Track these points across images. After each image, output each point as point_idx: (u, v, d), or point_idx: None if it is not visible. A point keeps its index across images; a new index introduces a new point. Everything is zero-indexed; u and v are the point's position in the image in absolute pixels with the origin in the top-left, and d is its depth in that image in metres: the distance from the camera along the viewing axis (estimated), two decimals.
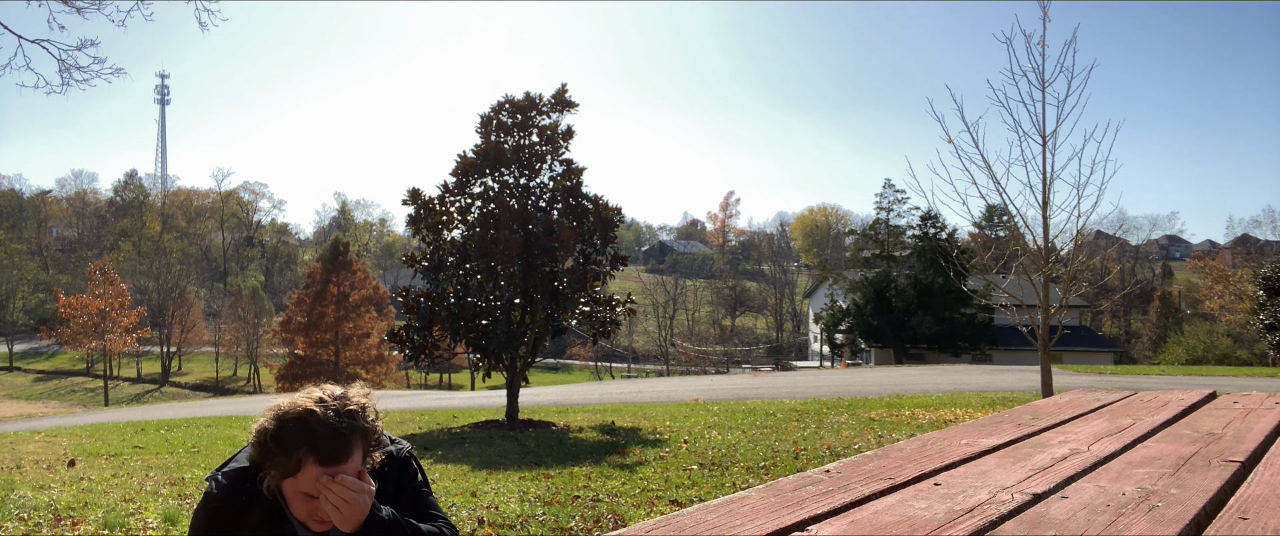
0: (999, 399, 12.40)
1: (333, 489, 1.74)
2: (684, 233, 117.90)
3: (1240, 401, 2.24)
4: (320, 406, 1.79)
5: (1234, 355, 37.72)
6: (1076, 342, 41.37)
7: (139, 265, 71.35)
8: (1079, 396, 2.43)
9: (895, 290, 41.76)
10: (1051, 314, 10.06)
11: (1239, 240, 77.46)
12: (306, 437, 1.76)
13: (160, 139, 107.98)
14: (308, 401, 1.81)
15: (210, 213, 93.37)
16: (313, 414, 1.77)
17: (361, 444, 1.82)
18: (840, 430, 8.99)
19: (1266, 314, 23.27)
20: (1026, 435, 1.69)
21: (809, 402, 12.66)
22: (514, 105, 11.50)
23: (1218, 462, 1.36)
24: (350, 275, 43.69)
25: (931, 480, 1.27)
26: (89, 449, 9.50)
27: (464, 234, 11.43)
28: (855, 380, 18.99)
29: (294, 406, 1.79)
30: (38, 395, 54.30)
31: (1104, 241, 29.14)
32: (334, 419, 1.78)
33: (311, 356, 42.21)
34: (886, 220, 43.89)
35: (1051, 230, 10.04)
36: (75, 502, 5.74)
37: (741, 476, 6.27)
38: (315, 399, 1.81)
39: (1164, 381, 17.44)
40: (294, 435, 1.77)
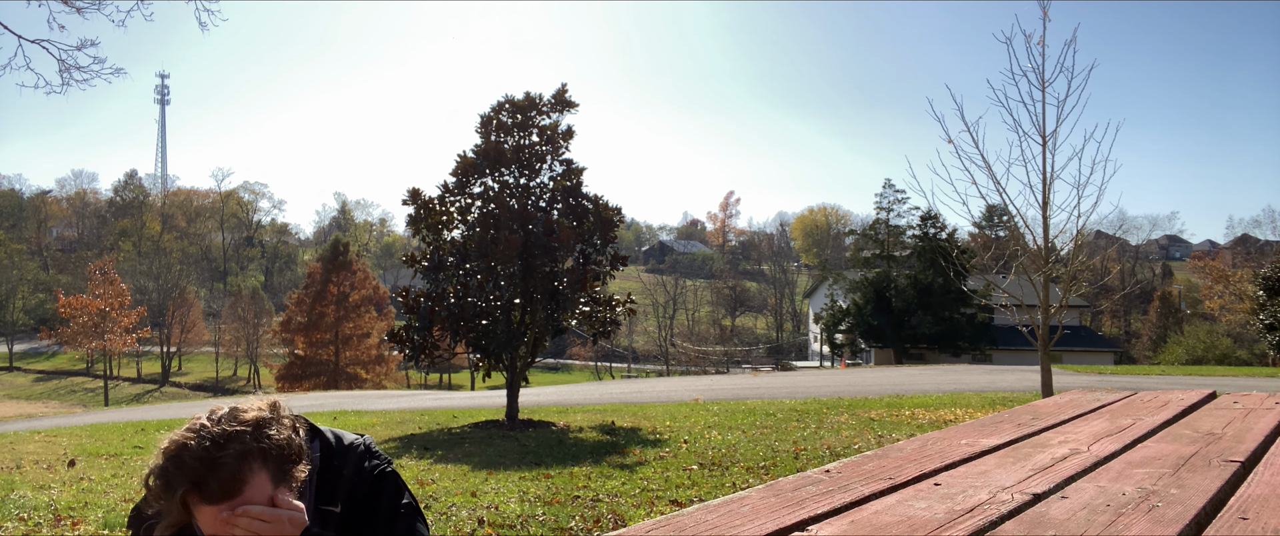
0: (999, 399, 12.40)
1: (238, 524, 1.52)
2: (684, 233, 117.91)
3: (1240, 401, 2.24)
4: (197, 437, 1.55)
5: (1234, 355, 37.72)
6: (1076, 342, 41.38)
7: (139, 265, 71.36)
8: (1079, 396, 2.43)
9: (895, 290, 41.76)
10: (1051, 314, 10.06)
11: (1239, 240, 77.47)
12: (185, 475, 1.53)
13: (160, 139, 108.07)
14: (183, 433, 1.58)
15: (210, 213, 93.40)
16: (186, 448, 1.54)
17: (263, 466, 1.57)
18: (840, 430, 8.99)
19: (1266, 314, 23.27)
20: (1026, 435, 1.69)
21: (809, 402, 12.66)
22: (514, 105, 11.50)
23: (1218, 462, 1.36)
24: (350, 275, 43.70)
25: (931, 480, 1.27)
26: (89, 449, 9.50)
27: (464, 234, 11.43)
28: (855, 380, 18.99)
29: (171, 442, 1.57)
30: (38, 395, 54.31)
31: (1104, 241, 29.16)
32: (211, 448, 1.54)
33: (311, 356, 42.23)
34: (886, 220, 43.89)
35: (1051, 230, 10.05)
36: (75, 502, 5.74)
37: (741, 476, 6.27)
38: (194, 428, 1.58)
39: (1164, 381, 17.44)
40: (173, 475, 1.54)
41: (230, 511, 1.53)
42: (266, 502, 1.56)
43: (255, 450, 1.56)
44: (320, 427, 1.84)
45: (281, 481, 1.60)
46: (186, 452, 1.53)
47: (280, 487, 1.59)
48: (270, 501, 1.57)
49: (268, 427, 1.60)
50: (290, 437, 1.63)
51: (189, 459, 1.53)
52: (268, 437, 1.59)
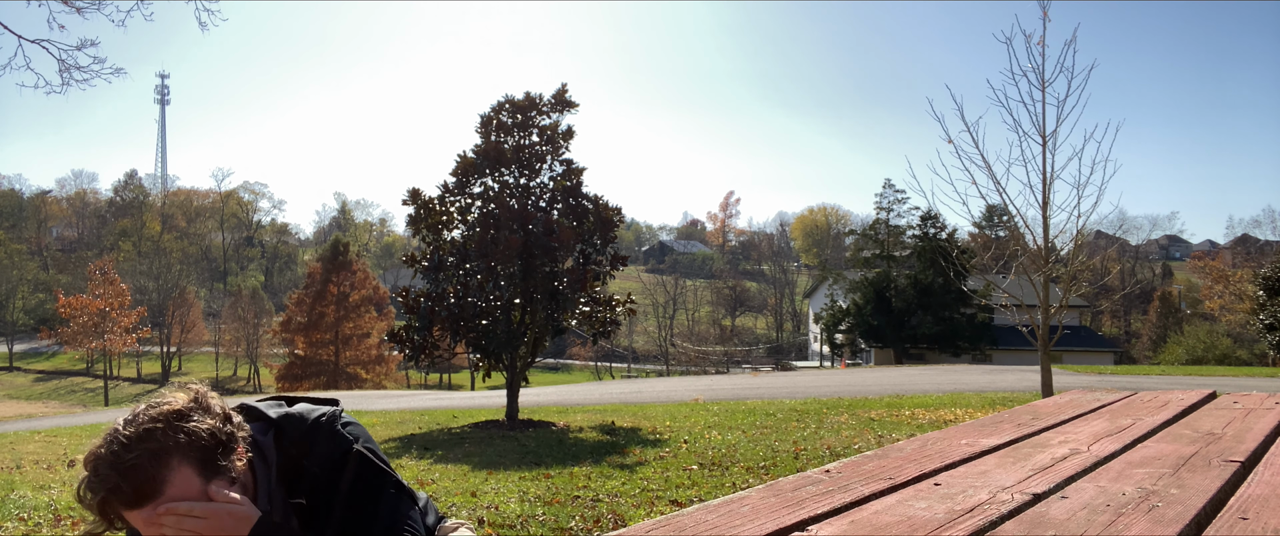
0: (999, 399, 12.40)
1: (165, 523, 1.43)
2: (684, 233, 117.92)
3: (1240, 401, 2.24)
4: (108, 443, 1.48)
5: (1234, 355, 37.72)
6: (1076, 342, 41.39)
7: (139, 265, 71.35)
8: (1079, 396, 2.43)
9: (895, 290, 41.77)
10: (1051, 314, 10.06)
11: (1239, 240, 77.50)
12: (101, 483, 1.46)
13: (160, 139, 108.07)
14: (98, 442, 1.50)
15: (210, 213, 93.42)
16: (99, 457, 1.48)
17: (184, 462, 1.46)
18: (840, 430, 8.99)
19: (1266, 314, 23.28)
20: (1026, 435, 1.69)
21: (809, 402, 12.66)
22: (514, 105, 11.51)
23: (1218, 462, 1.36)
24: (350, 275, 43.72)
25: (931, 480, 1.27)
26: None
27: (464, 234, 11.44)
28: (855, 380, 18.99)
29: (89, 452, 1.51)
30: (38, 395, 54.32)
31: (1104, 241, 29.15)
32: (120, 452, 1.45)
33: (311, 356, 42.25)
34: (886, 220, 43.90)
35: (1051, 230, 10.05)
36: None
37: (741, 476, 6.27)
38: (108, 433, 1.50)
39: (1164, 381, 17.44)
40: (92, 484, 1.48)
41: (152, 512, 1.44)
42: (198, 498, 1.45)
43: (172, 446, 1.46)
44: (271, 413, 1.69)
45: (214, 475, 1.48)
46: (100, 461, 1.47)
47: (216, 480, 1.48)
48: (204, 496, 1.46)
49: (187, 419, 1.49)
50: (216, 427, 1.51)
51: (102, 467, 1.46)
52: (186, 430, 1.48)
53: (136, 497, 1.44)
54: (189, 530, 1.42)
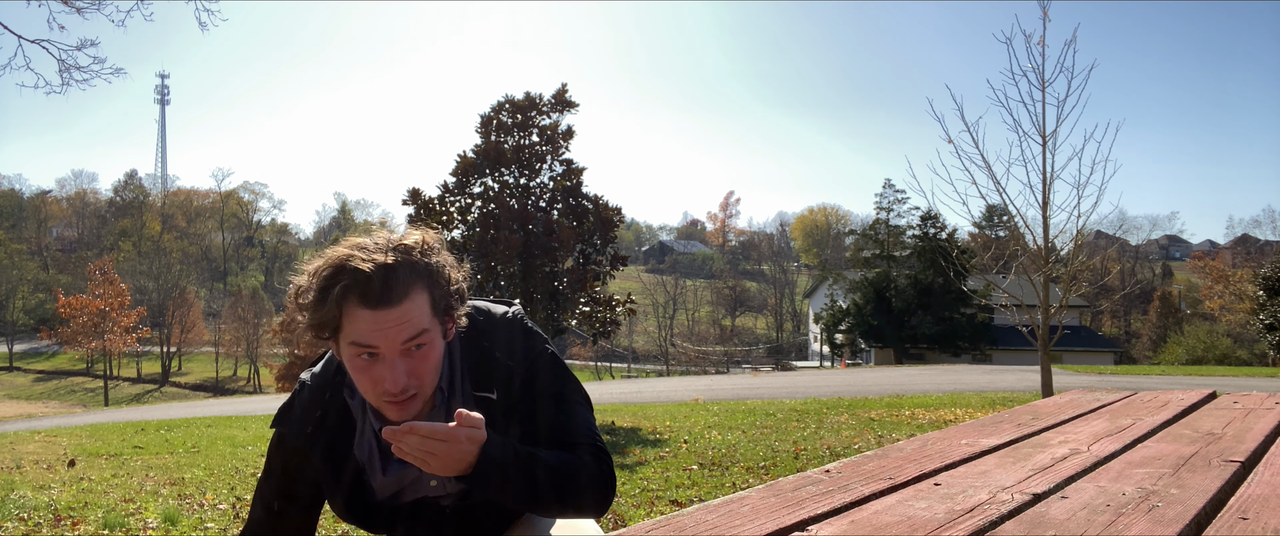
0: (999, 399, 12.40)
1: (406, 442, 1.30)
2: (684, 233, 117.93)
3: (1240, 401, 2.24)
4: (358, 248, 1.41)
5: (1234, 355, 37.73)
6: (1076, 342, 41.39)
7: (139, 265, 71.37)
8: (1079, 396, 2.43)
9: (895, 290, 41.78)
10: (1051, 314, 10.06)
11: (1239, 240, 77.49)
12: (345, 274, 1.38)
13: (160, 139, 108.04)
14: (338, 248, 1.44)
15: (210, 212, 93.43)
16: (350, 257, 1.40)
17: (424, 287, 1.41)
18: (840, 430, 8.99)
19: (1266, 314, 23.28)
20: (1026, 435, 1.70)
21: (809, 402, 12.66)
22: (514, 105, 11.51)
23: (1218, 462, 1.36)
24: None
25: (931, 480, 1.27)
26: (89, 449, 9.50)
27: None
28: (855, 380, 18.99)
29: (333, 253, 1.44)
30: (38, 395, 54.33)
31: (1104, 241, 29.17)
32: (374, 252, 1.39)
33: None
34: (886, 220, 43.92)
35: (1051, 230, 10.05)
36: (75, 502, 5.75)
37: (741, 476, 6.27)
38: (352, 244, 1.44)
39: (1164, 381, 17.45)
40: (331, 276, 1.39)
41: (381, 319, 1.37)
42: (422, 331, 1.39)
43: (422, 267, 1.41)
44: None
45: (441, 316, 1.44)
46: (350, 259, 1.39)
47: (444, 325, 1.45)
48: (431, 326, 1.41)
49: (435, 253, 1.45)
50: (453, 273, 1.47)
51: (351, 263, 1.38)
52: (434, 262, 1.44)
53: (383, 296, 1.37)
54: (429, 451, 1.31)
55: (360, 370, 1.41)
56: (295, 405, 1.57)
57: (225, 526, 4.88)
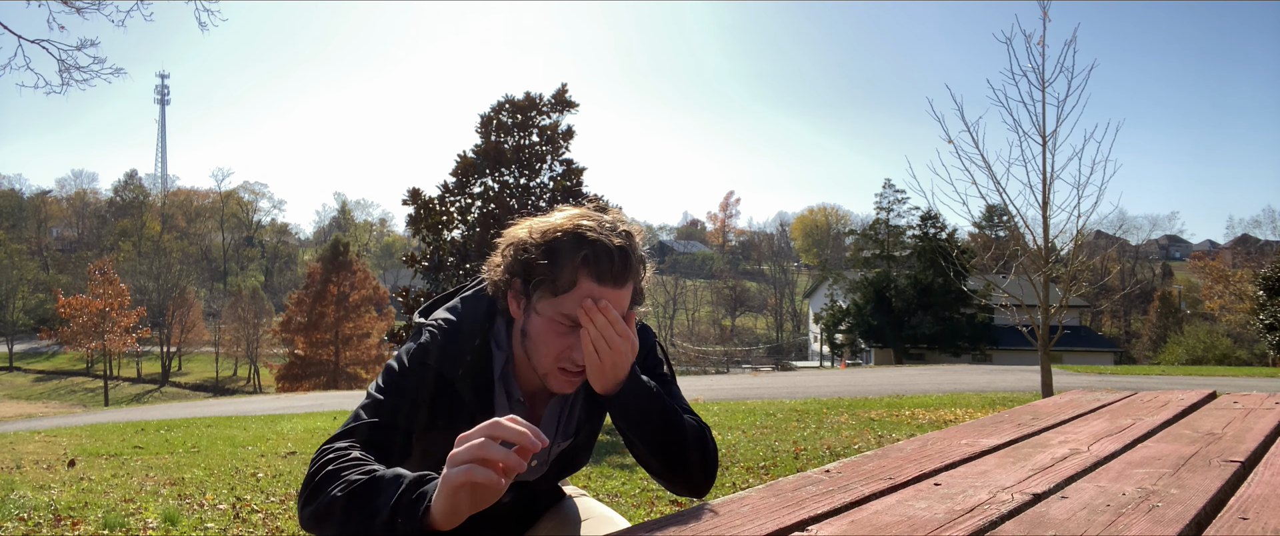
0: (999, 399, 12.40)
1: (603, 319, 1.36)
2: (684, 233, 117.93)
3: (1240, 401, 2.24)
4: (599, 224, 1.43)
5: (1234, 355, 37.73)
6: (1076, 343, 41.40)
7: (139, 265, 71.38)
8: (1079, 396, 2.43)
9: (895, 290, 41.78)
10: (1051, 314, 10.06)
11: (1239, 240, 77.48)
12: (587, 245, 1.40)
13: (160, 139, 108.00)
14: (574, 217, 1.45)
15: (210, 212, 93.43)
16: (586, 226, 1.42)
17: (634, 277, 1.46)
18: (840, 430, 8.99)
19: (1266, 314, 23.28)
20: (1026, 435, 1.70)
21: (809, 402, 12.66)
22: (514, 105, 11.51)
23: (1218, 462, 1.36)
24: (350, 275, 43.73)
25: (931, 480, 1.27)
26: (89, 449, 9.50)
27: (464, 234, 11.44)
28: (855, 380, 18.99)
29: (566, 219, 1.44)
30: (38, 395, 54.32)
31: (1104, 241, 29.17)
32: (610, 231, 1.42)
33: (311, 356, 42.24)
34: (886, 220, 43.93)
35: (1051, 230, 10.05)
36: (75, 502, 5.75)
37: (741, 476, 6.27)
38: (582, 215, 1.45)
39: (1164, 381, 17.45)
40: (569, 244, 1.40)
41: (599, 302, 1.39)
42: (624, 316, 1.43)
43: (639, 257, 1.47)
44: None
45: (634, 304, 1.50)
46: (592, 232, 1.41)
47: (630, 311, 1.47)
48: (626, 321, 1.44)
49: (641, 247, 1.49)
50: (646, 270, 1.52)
51: (592, 236, 1.41)
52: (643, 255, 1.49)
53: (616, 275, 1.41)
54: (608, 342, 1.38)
55: (554, 335, 1.43)
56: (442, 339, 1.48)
57: (225, 526, 4.88)
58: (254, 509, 5.43)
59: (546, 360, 1.45)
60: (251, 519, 5.11)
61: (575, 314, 1.40)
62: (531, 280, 1.43)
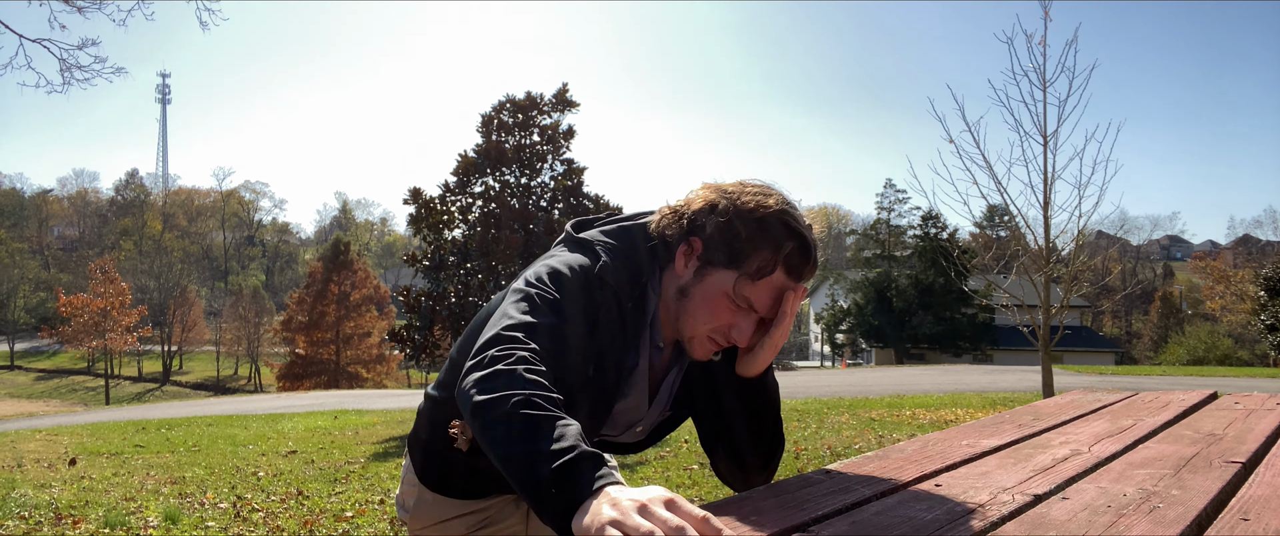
0: (1000, 399, 12.40)
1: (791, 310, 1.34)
2: None
3: (1241, 402, 2.24)
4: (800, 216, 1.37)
5: (1235, 356, 37.70)
6: (1077, 343, 41.40)
7: (140, 264, 71.46)
8: (1080, 397, 2.43)
9: (896, 290, 41.79)
10: (1052, 314, 10.05)
11: (1240, 240, 77.43)
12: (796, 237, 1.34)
13: (161, 138, 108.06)
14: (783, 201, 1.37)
15: (211, 212, 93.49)
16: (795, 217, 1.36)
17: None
18: (841, 430, 8.99)
19: (1268, 314, 23.26)
20: (1027, 436, 1.70)
21: (810, 402, 12.66)
22: (515, 105, 11.52)
23: (1219, 463, 1.36)
24: (351, 274, 43.75)
25: (932, 481, 1.27)
26: (90, 447, 9.51)
27: (465, 233, 11.45)
28: (856, 380, 18.99)
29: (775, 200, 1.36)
30: (39, 394, 54.37)
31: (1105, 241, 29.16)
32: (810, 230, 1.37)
33: (312, 355, 42.27)
34: (887, 220, 43.95)
35: (1053, 230, 10.04)
36: (76, 501, 5.75)
37: None
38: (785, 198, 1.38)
39: (1165, 382, 17.44)
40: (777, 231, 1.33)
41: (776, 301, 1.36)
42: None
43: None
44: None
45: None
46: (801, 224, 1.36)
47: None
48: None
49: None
50: None
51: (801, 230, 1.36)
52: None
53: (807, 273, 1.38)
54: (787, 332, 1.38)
55: (722, 309, 1.36)
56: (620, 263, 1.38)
57: (226, 525, 4.88)
58: (255, 507, 5.43)
59: (700, 328, 1.38)
60: (252, 517, 5.11)
61: (754, 299, 1.34)
62: (720, 250, 1.35)
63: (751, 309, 1.35)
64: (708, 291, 1.36)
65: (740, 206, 1.35)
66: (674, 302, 1.40)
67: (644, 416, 1.50)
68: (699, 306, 1.36)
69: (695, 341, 1.39)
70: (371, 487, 6.21)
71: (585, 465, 0.95)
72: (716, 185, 1.41)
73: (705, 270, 1.36)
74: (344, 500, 5.68)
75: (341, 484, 6.42)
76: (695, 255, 1.37)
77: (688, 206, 1.39)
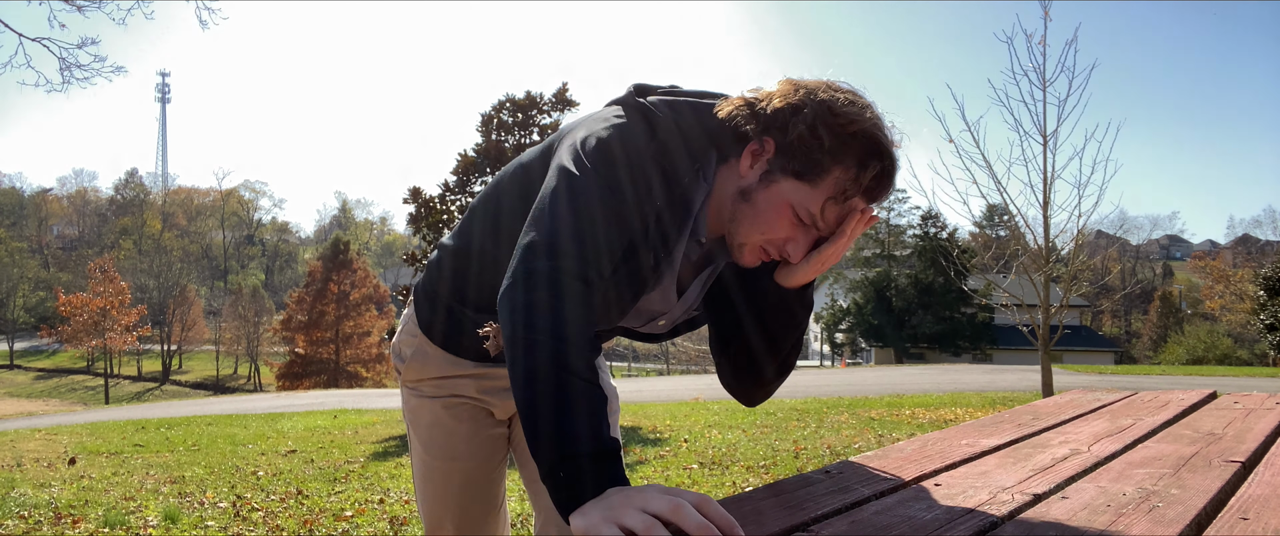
0: (999, 398, 12.40)
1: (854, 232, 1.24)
2: None
3: (1241, 401, 2.24)
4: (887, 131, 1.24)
5: (1234, 355, 37.72)
6: (1077, 342, 41.41)
7: (139, 263, 71.41)
8: (1079, 396, 2.43)
9: (896, 289, 41.80)
10: (1052, 313, 10.06)
11: (1240, 240, 77.42)
12: (885, 159, 1.22)
13: (161, 137, 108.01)
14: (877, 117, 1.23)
15: (211, 211, 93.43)
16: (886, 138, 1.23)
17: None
18: (840, 429, 8.99)
19: (1267, 314, 23.26)
20: (1027, 435, 1.70)
21: (809, 401, 12.66)
22: (515, 104, 11.51)
23: (1218, 463, 1.36)
24: (350, 273, 43.72)
25: (932, 480, 1.27)
26: (89, 447, 9.51)
27: None
28: (856, 379, 18.99)
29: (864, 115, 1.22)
30: (38, 393, 54.35)
31: (1104, 241, 29.18)
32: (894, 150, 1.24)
33: (312, 355, 42.24)
34: (887, 219, 43.94)
35: (1052, 230, 10.05)
36: (76, 500, 5.75)
37: (742, 475, 6.27)
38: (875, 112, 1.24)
39: (1164, 381, 17.44)
40: (863, 150, 1.20)
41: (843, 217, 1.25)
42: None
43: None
44: None
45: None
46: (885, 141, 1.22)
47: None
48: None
49: None
50: None
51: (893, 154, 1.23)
52: None
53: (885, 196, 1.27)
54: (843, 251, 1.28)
55: (783, 220, 1.24)
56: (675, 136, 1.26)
57: (225, 524, 4.88)
58: (254, 507, 5.43)
59: (755, 236, 1.26)
60: (252, 517, 5.11)
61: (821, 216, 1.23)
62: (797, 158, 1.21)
63: (814, 226, 1.25)
64: (772, 200, 1.24)
65: (828, 113, 1.20)
66: (730, 202, 1.28)
67: (669, 310, 1.42)
68: (759, 214, 1.25)
69: (746, 249, 1.28)
70: (371, 487, 6.21)
71: (599, 463, 0.98)
72: (799, 82, 1.27)
73: (773, 176, 1.23)
74: (343, 499, 5.68)
75: (341, 483, 6.42)
76: (765, 157, 1.24)
77: (766, 100, 1.24)
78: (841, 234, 1.26)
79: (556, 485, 0.98)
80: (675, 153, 1.24)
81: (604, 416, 1.02)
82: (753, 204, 1.25)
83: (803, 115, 1.21)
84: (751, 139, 1.25)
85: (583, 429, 0.99)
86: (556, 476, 0.98)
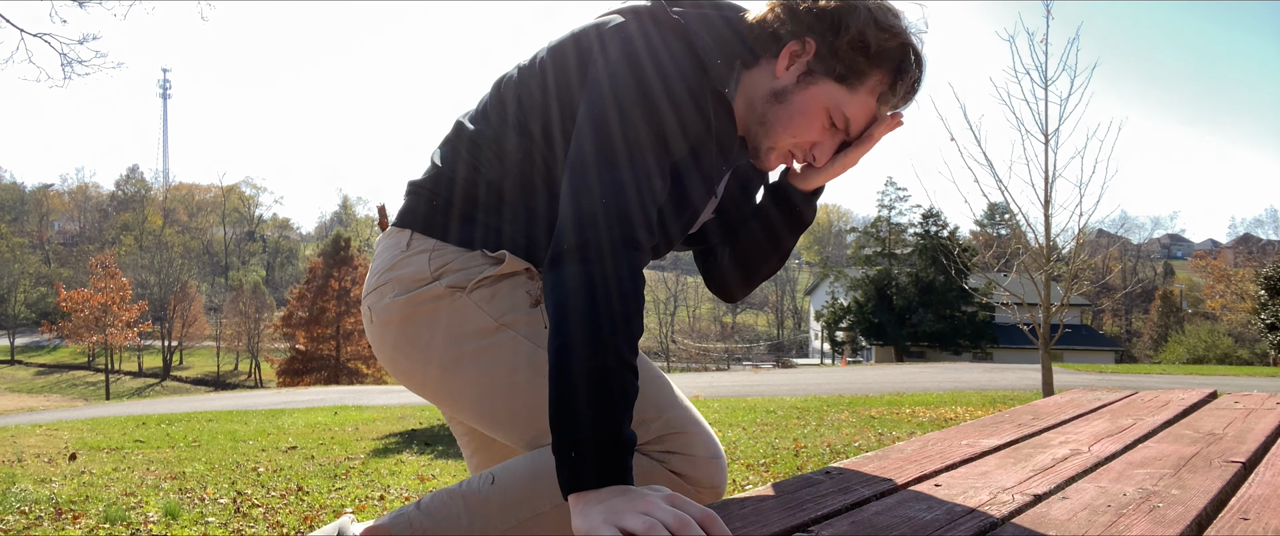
0: (1000, 397, 12.40)
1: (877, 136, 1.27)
2: None
3: (1241, 401, 2.24)
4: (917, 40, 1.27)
5: (1235, 355, 37.70)
6: (1077, 341, 41.39)
7: (140, 259, 71.45)
8: (1080, 396, 2.43)
9: (896, 288, 41.77)
10: (1053, 312, 10.06)
11: (1241, 239, 77.42)
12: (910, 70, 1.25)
13: (163, 133, 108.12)
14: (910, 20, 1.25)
15: (212, 207, 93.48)
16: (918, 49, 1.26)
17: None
18: (841, 427, 9.00)
19: (1268, 313, 23.26)
20: (1027, 435, 1.70)
21: (810, 400, 12.66)
22: None
23: (1219, 463, 1.36)
24: (352, 270, 43.71)
25: (932, 481, 1.27)
26: (90, 443, 9.52)
27: None
28: (856, 377, 18.99)
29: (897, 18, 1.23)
30: (39, 389, 54.41)
31: (1106, 240, 29.16)
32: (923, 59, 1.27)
33: (313, 351, 42.27)
34: (888, 218, 43.91)
35: (1053, 228, 10.04)
36: (76, 496, 5.76)
37: (742, 473, 6.27)
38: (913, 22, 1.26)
39: (1165, 381, 17.44)
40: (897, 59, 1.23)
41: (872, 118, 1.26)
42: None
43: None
44: None
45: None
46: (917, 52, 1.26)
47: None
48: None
49: None
50: None
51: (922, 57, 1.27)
52: None
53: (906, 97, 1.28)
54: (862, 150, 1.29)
55: (815, 124, 1.24)
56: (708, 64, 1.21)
57: (226, 520, 4.89)
58: (254, 503, 5.44)
59: (785, 139, 1.26)
60: (252, 513, 5.12)
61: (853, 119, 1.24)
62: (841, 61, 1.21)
63: (844, 129, 1.25)
64: (808, 102, 1.23)
65: (875, 21, 1.20)
66: (761, 104, 1.25)
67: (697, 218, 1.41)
68: (794, 116, 1.24)
69: (773, 153, 1.27)
70: (371, 483, 6.22)
71: (610, 454, 1.01)
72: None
73: (811, 77, 1.22)
74: (344, 495, 5.68)
75: (341, 479, 6.43)
76: (805, 58, 1.23)
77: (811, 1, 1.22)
78: (868, 138, 1.28)
79: (565, 462, 1.02)
80: (713, 69, 1.21)
81: (629, 407, 1.04)
82: (788, 105, 1.24)
83: (855, 17, 1.20)
84: (786, 40, 1.24)
85: (604, 416, 1.02)
86: (567, 454, 1.02)
